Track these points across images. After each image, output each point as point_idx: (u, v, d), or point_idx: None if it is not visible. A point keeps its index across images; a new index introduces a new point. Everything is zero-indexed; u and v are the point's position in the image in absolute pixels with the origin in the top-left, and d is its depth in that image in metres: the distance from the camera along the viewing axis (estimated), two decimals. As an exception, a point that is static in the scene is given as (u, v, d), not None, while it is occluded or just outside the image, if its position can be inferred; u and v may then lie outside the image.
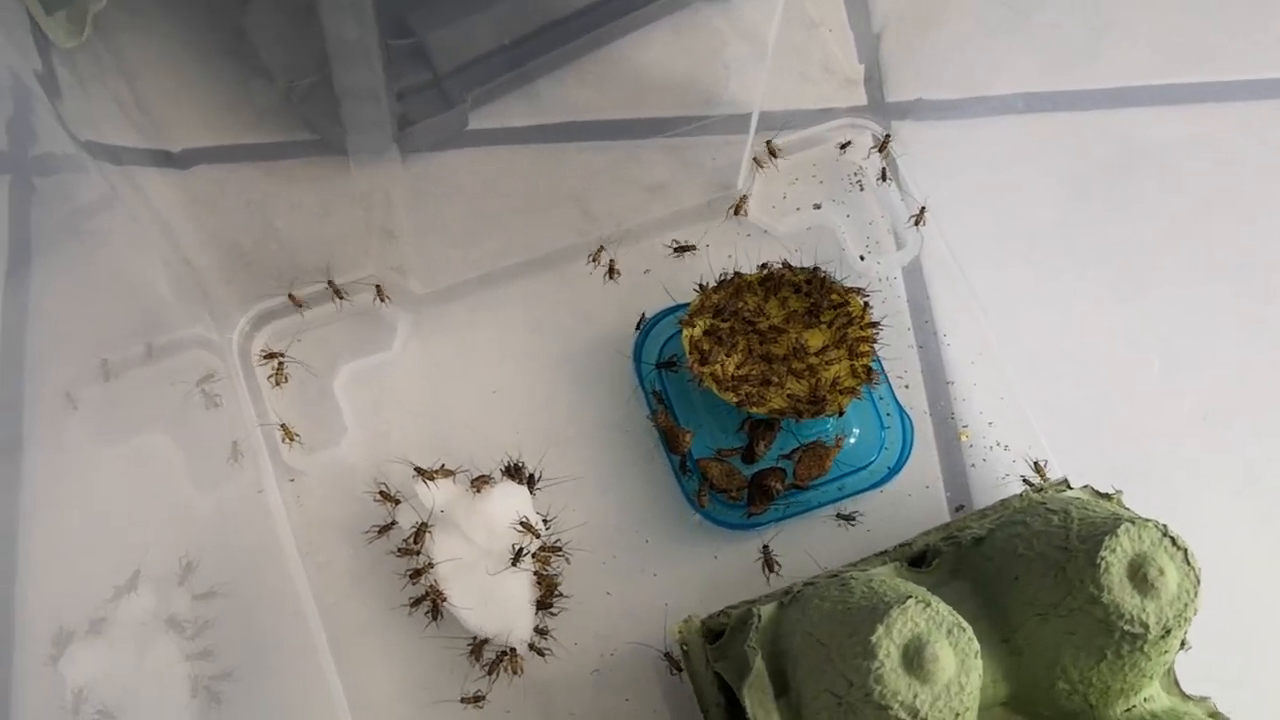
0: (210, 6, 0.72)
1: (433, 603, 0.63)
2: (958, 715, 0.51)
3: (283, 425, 0.67)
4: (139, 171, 0.62)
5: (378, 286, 0.70)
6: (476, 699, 0.63)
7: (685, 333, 0.67)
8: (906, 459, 0.68)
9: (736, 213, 0.74)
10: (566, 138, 0.76)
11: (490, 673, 0.63)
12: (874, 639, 0.51)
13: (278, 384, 0.68)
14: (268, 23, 0.72)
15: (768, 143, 0.75)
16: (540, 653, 0.64)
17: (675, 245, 0.72)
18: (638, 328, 0.70)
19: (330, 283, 0.70)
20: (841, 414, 0.66)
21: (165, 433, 0.66)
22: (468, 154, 0.74)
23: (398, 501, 0.66)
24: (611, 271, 0.72)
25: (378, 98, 0.69)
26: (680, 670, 0.63)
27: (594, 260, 0.72)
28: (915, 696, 0.51)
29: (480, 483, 0.65)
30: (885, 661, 0.51)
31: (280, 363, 0.68)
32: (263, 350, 0.69)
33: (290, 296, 0.70)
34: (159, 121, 0.66)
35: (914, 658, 0.51)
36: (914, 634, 0.52)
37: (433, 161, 0.73)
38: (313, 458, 0.67)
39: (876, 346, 0.68)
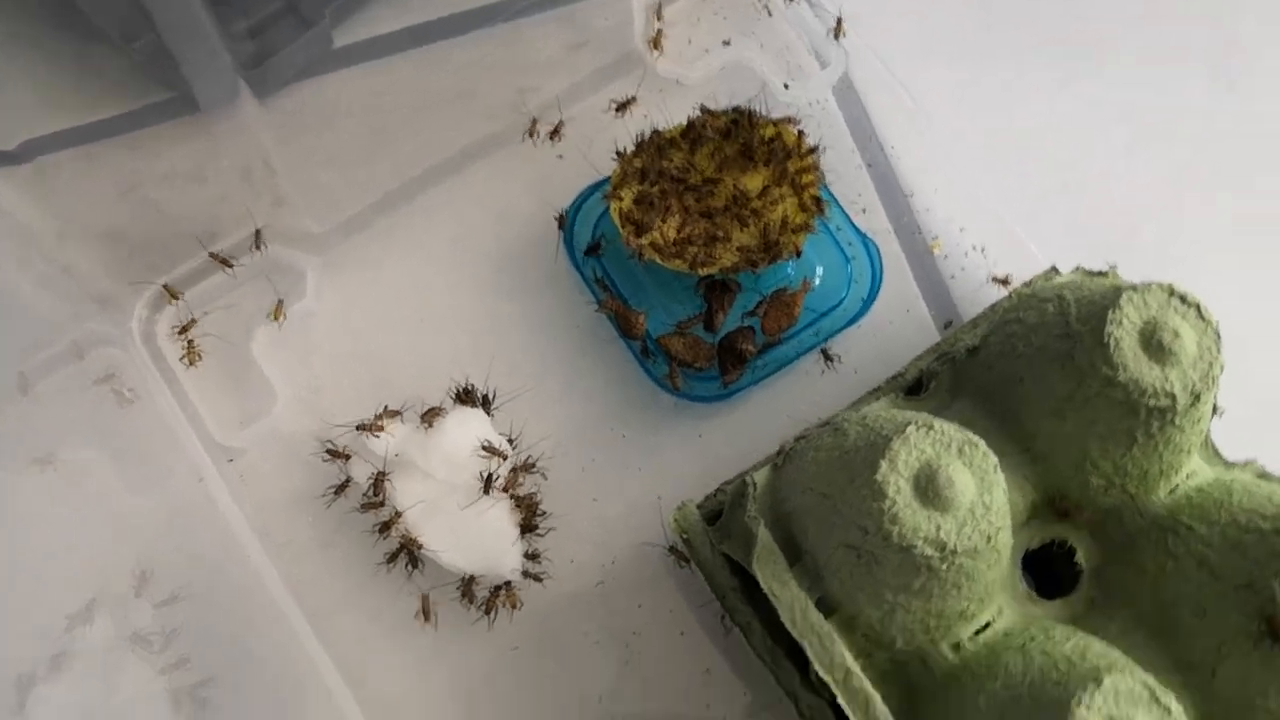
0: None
1: (409, 552, 0.58)
2: (990, 539, 0.47)
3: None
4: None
5: (257, 232, 0.63)
6: (426, 614, 0.59)
7: (613, 206, 0.61)
8: (879, 286, 0.62)
9: (655, 46, 0.67)
10: (444, 34, 0.69)
11: (488, 611, 0.58)
12: (879, 477, 0.46)
13: (191, 363, 0.62)
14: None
15: (654, -12, 0.68)
16: (536, 578, 0.59)
17: (614, 105, 0.65)
18: (559, 223, 0.64)
19: (212, 254, 0.63)
20: (799, 254, 0.60)
21: (84, 445, 0.61)
22: (339, 75, 0.67)
23: (348, 456, 0.60)
24: (556, 133, 0.66)
25: (206, 39, 0.62)
26: (688, 561, 0.58)
27: (531, 135, 0.66)
28: (938, 528, 0.46)
29: (431, 416, 0.60)
30: (896, 499, 0.46)
31: (189, 340, 0.62)
32: (173, 326, 0.63)
33: (166, 289, 0.63)
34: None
35: (927, 487, 0.46)
36: (922, 461, 0.46)
37: (303, 91, 0.67)
38: (248, 432, 0.62)
39: (821, 173, 0.62)
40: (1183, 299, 0.50)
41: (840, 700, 0.48)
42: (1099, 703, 0.44)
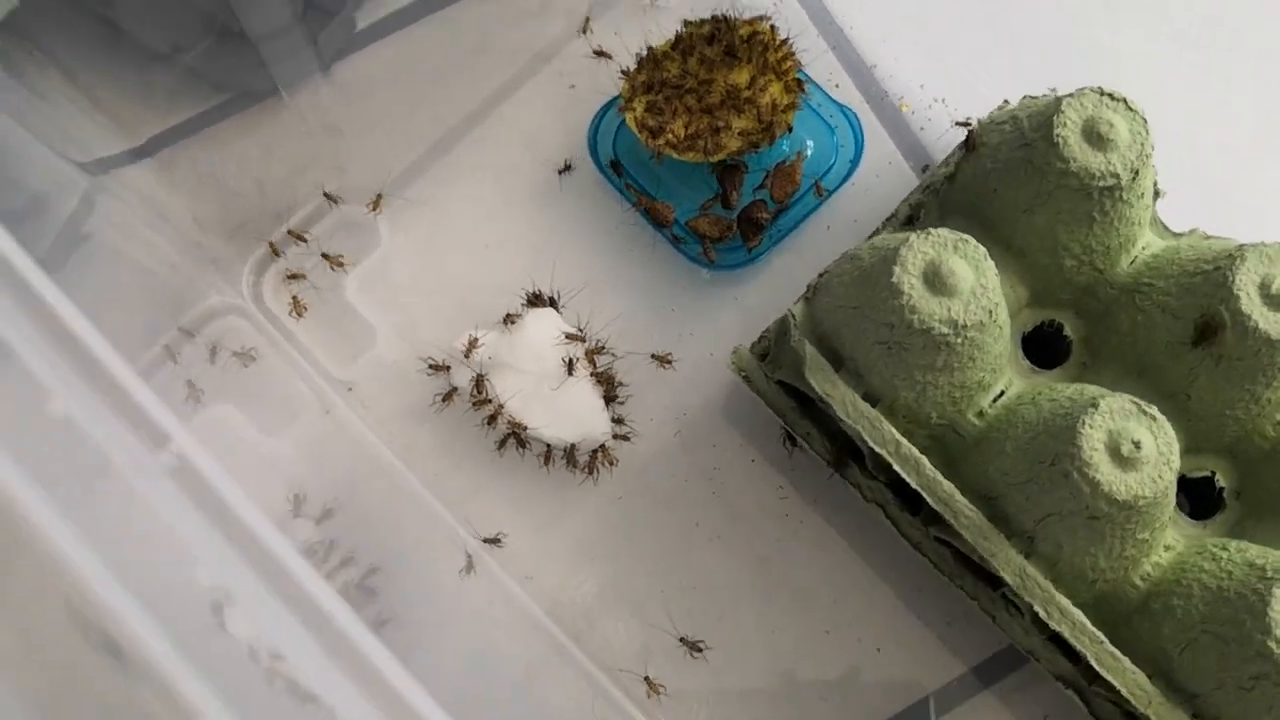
0: (78, 14, 0.75)
1: (515, 436, 0.69)
2: (991, 313, 0.58)
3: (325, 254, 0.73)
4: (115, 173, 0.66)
5: (328, 195, 0.74)
6: (502, 443, 0.70)
7: (628, 117, 0.71)
8: (862, 148, 0.73)
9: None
10: (447, 2, 0.79)
11: (590, 471, 0.70)
12: (895, 279, 0.57)
13: (300, 315, 0.73)
14: (137, 8, 0.75)
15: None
16: (625, 438, 0.70)
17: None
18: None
19: (290, 232, 0.74)
20: (790, 130, 0.71)
21: (222, 402, 0.71)
22: (368, 51, 0.78)
23: (449, 367, 0.71)
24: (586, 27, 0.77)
25: (290, 27, 0.72)
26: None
27: (585, 30, 0.77)
28: (949, 310, 0.57)
29: (510, 319, 0.70)
30: (912, 293, 0.57)
31: (294, 296, 0.73)
32: (287, 271, 0.73)
33: (270, 246, 0.74)
34: (89, 131, 0.70)
35: (934, 279, 0.57)
36: (927, 260, 0.57)
37: (341, 70, 0.77)
38: (358, 365, 0.72)
39: (797, 59, 0.72)
40: (1111, 96, 0.61)
41: (895, 466, 0.60)
42: (1099, 421, 0.56)
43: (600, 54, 0.75)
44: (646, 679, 0.67)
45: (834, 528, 0.69)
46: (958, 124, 0.74)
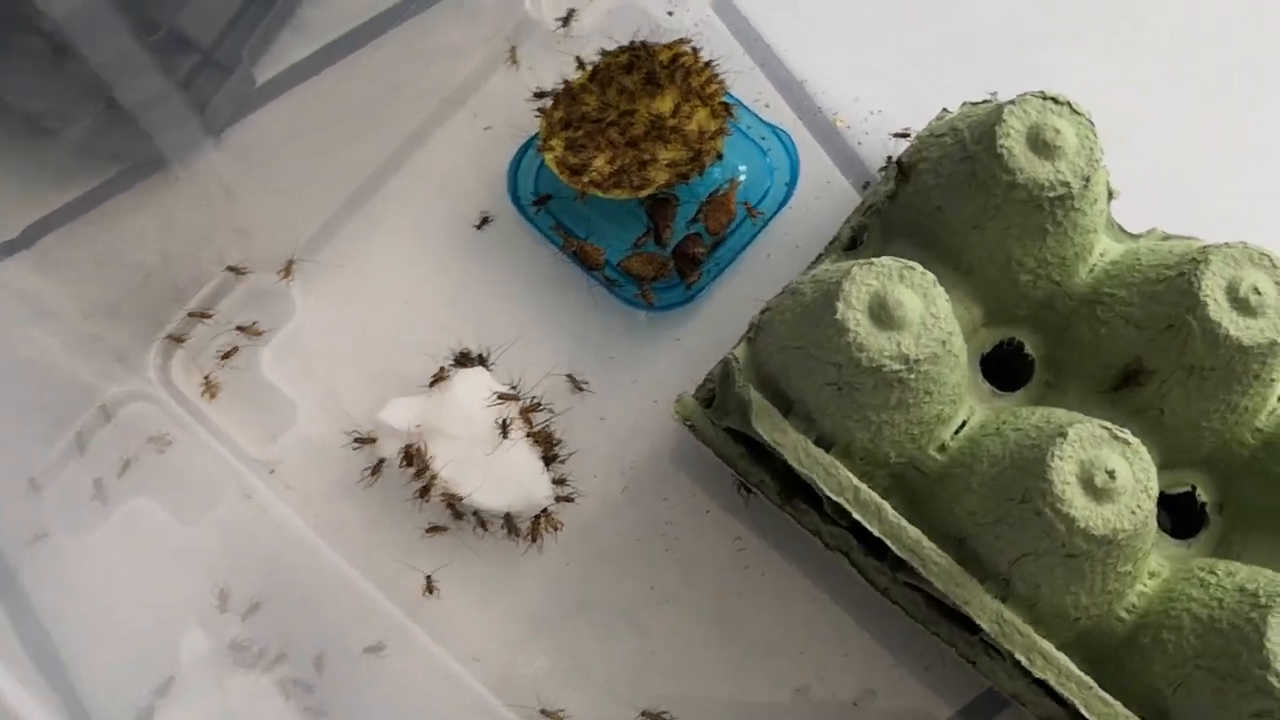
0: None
1: (451, 507, 0.65)
2: (944, 343, 0.53)
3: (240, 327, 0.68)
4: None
5: (232, 267, 0.69)
6: (433, 529, 0.65)
7: (547, 157, 0.67)
8: (798, 169, 0.69)
9: (566, 24, 0.74)
10: (352, 48, 0.75)
11: (533, 539, 0.65)
12: (838, 315, 0.53)
13: (212, 396, 0.68)
14: (22, 79, 0.70)
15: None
16: (568, 499, 0.66)
17: (536, 92, 0.71)
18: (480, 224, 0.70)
19: (191, 314, 0.69)
20: (721, 157, 0.67)
21: (135, 495, 0.67)
22: (270, 108, 0.73)
23: (374, 439, 0.66)
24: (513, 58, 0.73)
25: (166, 94, 0.68)
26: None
27: (512, 61, 0.73)
28: (899, 345, 0.53)
29: (437, 381, 0.66)
30: (858, 329, 0.53)
31: (205, 377, 0.68)
32: (196, 350, 0.69)
33: (175, 328, 0.69)
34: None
35: (880, 312, 0.53)
36: (871, 292, 0.53)
37: (242, 130, 0.73)
38: (279, 444, 0.68)
39: (722, 82, 0.68)
40: (1055, 100, 0.57)
41: (854, 514, 0.55)
42: (1069, 451, 0.52)
43: (541, 95, 0.70)
44: (610, 757, 0.63)
45: (798, 577, 0.65)
46: (896, 135, 0.70)
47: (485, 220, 0.70)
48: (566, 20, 0.74)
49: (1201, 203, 0.70)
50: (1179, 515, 0.62)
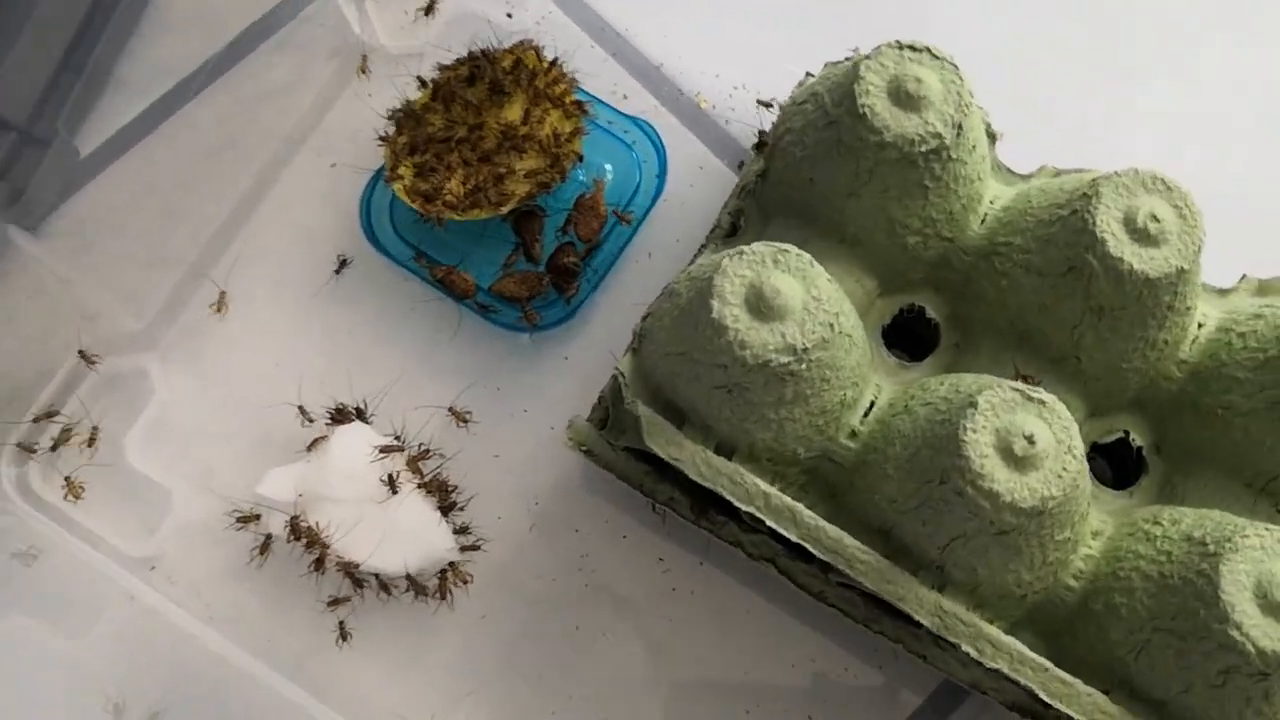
0: None
1: (349, 576, 0.60)
2: (832, 326, 0.49)
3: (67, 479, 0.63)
4: None
5: (81, 353, 0.64)
6: (334, 601, 0.60)
7: (396, 187, 0.62)
8: (665, 158, 0.65)
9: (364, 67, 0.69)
10: (180, 102, 0.70)
11: (443, 597, 0.60)
12: (715, 314, 0.49)
13: (77, 498, 0.63)
14: None
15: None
16: (474, 547, 0.61)
17: (387, 114, 0.66)
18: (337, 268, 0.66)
19: (36, 418, 0.64)
20: (582, 159, 0.63)
21: (12, 615, 0.62)
22: (103, 177, 0.68)
23: (258, 516, 0.61)
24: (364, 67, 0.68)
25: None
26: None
27: (362, 72, 0.68)
28: (783, 335, 0.49)
29: (315, 445, 0.61)
30: (737, 325, 0.49)
31: (66, 478, 0.63)
32: (52, 452, 0.63)
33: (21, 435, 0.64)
34: None
35: (758, 304, 0.49)
36: (746, 284, 0.49)
37: (77, 205, 0.67)
38: (157, 536, 0.62)
39: (571, 79, 0.64)
40: (913, 48, 0.53)
41: (769, 522, 0.51)
42: (981, 421, 0.48)
43: (392, 116, 0.65)
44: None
45: (731, 589, 0.61)
46: (760, 104, 0.66)
47: (343, 263, 0.66)
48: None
49: (1089, 131, 0.67)
50: (1118, 464, 0.59)
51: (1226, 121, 0.68)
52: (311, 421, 0.62)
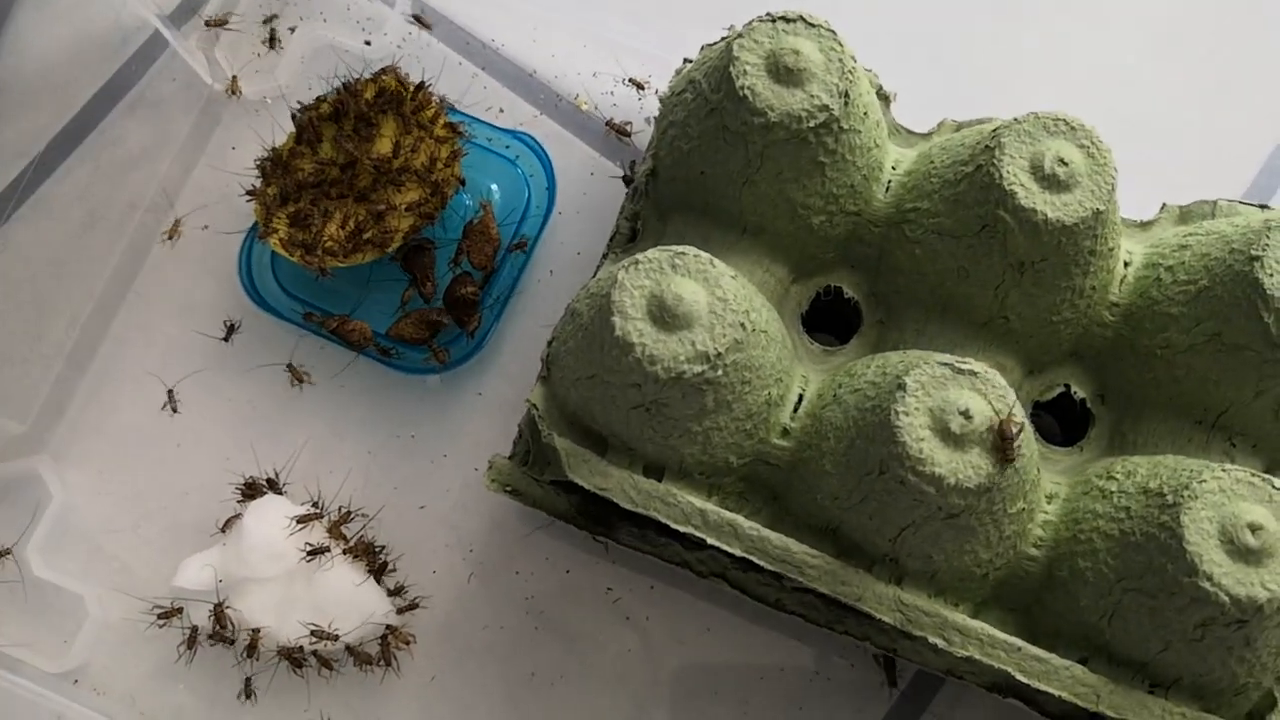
0: None
1: (287, 658, 0.56)
2: (744, 325, 0.47)
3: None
4: None
5: (29, 439, 0.60)
6: (248, 692, 0.57)
7: (272, 242, 0.59)
8: (553, 170, 0.62)
9: (232, 93, 0.65)
10: (32, 185, 0.65)
11: (388, 663, 0.57)
12: (618, 332, 0.46)
13: (-14, 618, 0.59)
14: None
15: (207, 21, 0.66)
16: (413, 607, 0.58)
17: (250, 187, 0.62)
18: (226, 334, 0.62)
19: None
20: (464, 182, 0.59)
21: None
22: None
23: (180, 610, 0.58)
24: (173, 233, 0.63)
25: None
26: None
27: (170, 236, 0.63)
28: (693, 344, 0.46)
29: (229, 524, 0.58)
30: (642, 341, 0.46)
31: (-28, 600, 0.59)
32: None
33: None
34: None
35: (661, 314, 0.46)
36: (646, 295, 0.46)
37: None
38: (75, 649, 0.58)
39: (439, 101, 0.60)
40: (785, 19, 0.50)
41: (710, 540, 0.48)
42: (913, 402, 0.45)
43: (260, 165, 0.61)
44: None
45: (686, 609, 0.58)
46: (631, 82, 0.63)
47: (232, 329, 0.62)
48: (232, 90, 0.65)
49: (990, 76, 0.65)
50: (1065, 419, 0.56)
51: (1123, 49, 0.66)
52: (233, 513, 0.58)
